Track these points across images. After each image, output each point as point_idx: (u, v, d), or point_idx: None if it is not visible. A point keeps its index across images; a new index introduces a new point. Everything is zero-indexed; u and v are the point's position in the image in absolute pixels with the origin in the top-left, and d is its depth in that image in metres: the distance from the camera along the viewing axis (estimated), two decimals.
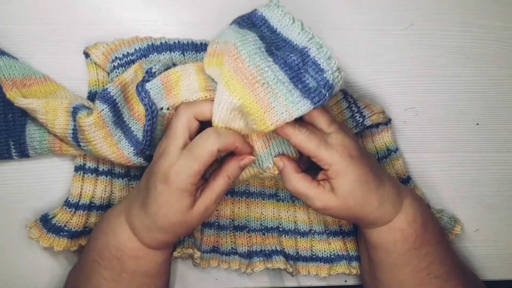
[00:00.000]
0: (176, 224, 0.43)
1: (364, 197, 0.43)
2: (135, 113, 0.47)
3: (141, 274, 0.45)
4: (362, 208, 0.44)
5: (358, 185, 0.43)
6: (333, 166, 0.42)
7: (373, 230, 0.46)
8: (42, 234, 0.49)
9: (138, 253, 0.45)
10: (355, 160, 0.42)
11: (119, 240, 0.45)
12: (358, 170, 0.42)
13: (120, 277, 0.45)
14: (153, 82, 0.45)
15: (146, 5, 0.52)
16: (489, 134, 0.57)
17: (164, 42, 0.51)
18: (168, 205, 0.42)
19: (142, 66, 0.47)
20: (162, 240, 0.44)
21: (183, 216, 0.42)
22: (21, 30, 0.50)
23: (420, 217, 0.46)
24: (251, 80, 0.40)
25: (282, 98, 0.40)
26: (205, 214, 0.43)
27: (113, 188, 0.51)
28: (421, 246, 0.46)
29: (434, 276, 0.46)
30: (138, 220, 0.44)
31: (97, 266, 0.45)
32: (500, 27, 0.56)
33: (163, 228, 0.43)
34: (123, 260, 0.44)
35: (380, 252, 0.47)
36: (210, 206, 0.43)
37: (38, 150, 0.50)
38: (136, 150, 0.47)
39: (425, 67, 0.55)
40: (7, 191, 0.51)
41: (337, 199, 0.43)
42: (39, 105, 0.46)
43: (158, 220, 0.42)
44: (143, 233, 0.44)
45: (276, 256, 0.52)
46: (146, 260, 0.45)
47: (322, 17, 0.54)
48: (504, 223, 0.57)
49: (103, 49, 0.50)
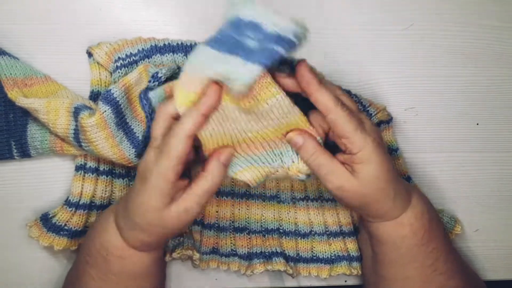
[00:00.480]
0: (153, 224, 0.42)
1: (383, 186, 0.43)
2: (137, 115, 0.47)
3: (127, 275, 0.45)
4: (377, 197, 0.43)
5: (382, 174, 0.42)
6: (363, 151, 0.41)
7: (379, 225, 0.46)
8: (42, 233, 0.49)
9: (123, 253, 0.44)
10: (382, 149, 0.42)
11: (106, 238, 0.44)
12: (384, 159, 0.42)
13: (107, 277, 0.44)
14: (157, 91, 0.45)
15: (146, 5, 0.52)
16: (489, 134, 0.57)
17: (167, 43, 0.51)
18: (144, 204, 0.41)
19: (148, 69, 0.47)
20: (144, 240, 0.44)
21: (159, 215, 0.41)
22: (22, 30, 0.51)
23: (427, 213, 0.46)
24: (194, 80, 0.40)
25: (228, 72, 0.38)
26: (186, 215, 0.42)
27: (114, 188, 0.51)
28: (428, 242, 0.45)
29: (439, 272, 0.46)
30: (121, 218, 0.44)
31: (86, 265, 0.45)
32: (500, 27, 0.56)
33: (142, 227, 0.42)
34: (109, 260, 0.44)
35: (387, 248, 0.46)
36: (192, 206, 0.41)
37: (39, 150, 0.50)
38: (137, 151, 0.47)
39: (425, 67, 0.55)
40: (8, 191, 0.51)
41: (357, 182, 0.42)
42: (41, 104, 0.46)
43: (136, 219, 0.42)
44: (127, 232, 0.44)
45: (276, 258, 0.52)
46: (131, 261, 0.45)
47: (322, 17, 0.54)
48: (504, 223, 0.57)
49: (106, 49, 0.50)
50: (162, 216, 0.41)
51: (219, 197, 0.53)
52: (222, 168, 0.42)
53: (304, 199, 0.54)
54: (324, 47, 0.54)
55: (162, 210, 0.41)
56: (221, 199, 0.53)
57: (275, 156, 0.44)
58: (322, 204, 0.54)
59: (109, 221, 0.45)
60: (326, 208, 0.54)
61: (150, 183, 0.41)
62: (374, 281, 0.49)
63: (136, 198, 0.42)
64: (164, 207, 0.41)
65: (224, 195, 0.53)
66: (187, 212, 0.42)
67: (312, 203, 0.54)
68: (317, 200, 0.54)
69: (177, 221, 0.42)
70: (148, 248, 0.45)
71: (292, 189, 0.54)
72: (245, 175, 0.44)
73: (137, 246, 0.44)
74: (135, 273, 0.45)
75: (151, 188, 0.41)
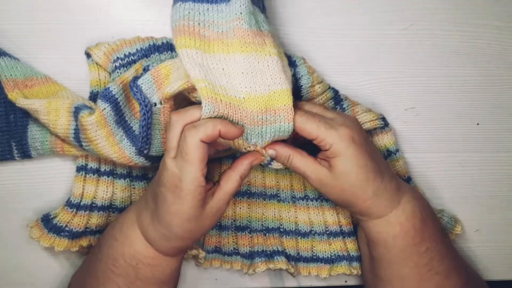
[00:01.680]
0: (192, 231, 0.43)
1: (359, 182, 0.43)
2: (136, 112, 0.47)
3: (155, 281, 0.46)
4: (355, 193, 0.44)
5: (356, 169, 0.43)
6: (334, 145, 0.42)
7: (371, 224, 0.46)
8: (43, 234, 0.49)
9: (153, 261, 0.45)
10: (357, 144, 0.43)
11: (135, 249, 0.45)
12: (358, 154, 0.43)
13: (134, 284, 0.45)
14: (144, 77, 0.45)
15: (146, 5, 0.52)
16: (489, 134, 0.57)
17: (165, 42, 0.51)
18: (180, 214, 0.42)
19: (143, 64, 0.47)
20: (180, 246, 0.45)
21: (196, 221, 0.43)
22: (22, 30, 0.51)
23: (419, 213, 0.46)
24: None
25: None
26: (217, 215, 0.44)
27: (115, 188, 0.51)
28: (421, 242, 0.46)
29: (435, 272, 0.46)
30: (152, 231, 0.44)
31: (111, 274, 0.45)
32: (499, 27, 0.56)
33: (179, 236, 0.43)
34: (138, 268, 0.45)
35: (380, 248, 0.47)
36: (222, 206, 0.44)
37: (40, 151, 0.50)
38: (137, 150, 0.47)
39: (425, 67, 0.55)
40: (8, 191, 0.51)
41: (333, 176, 0.43)
42: (41, 105, 0.46)
43: (173, 229, 0.43)
44: (160, 242, 0.44)
45: (277, 257, 0.52)
46: (161, 267, 0.45)
47: (322, 17, 0.54)
48: (504, 223, 0.57)
49: (105, 49, 0.50)
50: (199, 221, 0.43)
51: None
52: (250, 170, 0.45)
53: (303, 199, 0.54)
54: (323, 47, 0.54)
55: (198, 216, 0.42)
56: None
57: (254, 133, 0.44)
58: (322, 203, 0.54)
59: (134, 231, 0.45)
60: (326, 207, 0.54)
61: (183, 192, 0.41)
62: (372, 281, 0.50)
63: (172, 208, 0.42)
64: (200, 212, 0.42)
65: None
66: (219, 211, 0.44)
67: (312, 202, 0.54)
68: (316, 200, 0.54)
69: (211, 222, 0.44)
70: (181, 252, 0.46)
71: (292, 188, 0.54)
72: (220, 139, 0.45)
73: (171, 253, 0.45)
74: (162, 277, 0.46)
75: (185, 196, 0.41)
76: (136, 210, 0.46)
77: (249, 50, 0.43)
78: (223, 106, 0.42)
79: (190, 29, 0.43)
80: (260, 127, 0.44)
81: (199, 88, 0.42)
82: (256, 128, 0.44)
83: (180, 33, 0.43)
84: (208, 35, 0.44)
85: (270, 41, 0.44)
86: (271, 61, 0.43)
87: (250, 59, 0.43)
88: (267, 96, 0.43)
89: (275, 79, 0.43)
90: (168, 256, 0.45)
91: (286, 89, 0.43)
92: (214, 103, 0.42)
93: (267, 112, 0.43)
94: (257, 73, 0.43)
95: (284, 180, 0.54)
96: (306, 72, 0.49)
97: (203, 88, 0.42)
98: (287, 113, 0.43)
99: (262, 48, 0.43)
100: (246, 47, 0.43)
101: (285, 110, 0.43)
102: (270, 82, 0.43)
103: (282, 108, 0.43)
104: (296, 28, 0.54)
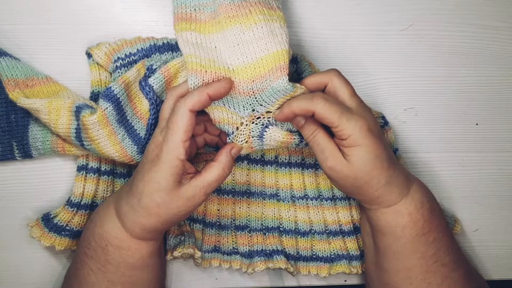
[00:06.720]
0: (160, 206, 0.43)
1: (374, 170, 0.44)
2: (137, 111, 0.47)
3: (125, 265, 0.45)
4: (368, 181, 0.44)
5: (372, 158, 0.43)
6: (352, 136, 0.43)
7: (379, 213, 0.46)
8: (44, 233, 0.49)
9: (122, 243, 0.45)
10: (373, 134, 0.43)
11: (105, 229, 0.45)
12: (375, 144, 0.43)
13: (105, 268, 0.45)
14: (156, 76, 0.46)
15: (146, 5, 0.52)
16: (489, 134, 0.57)
17: (166, 42, 0.51)
18: (152, 183, 0.42)
19: (145, 64, 0.47)
20: (145, 225, 0.44)
21: (167, 196, 0.42)
22: (23, 30, 0.51)
23: (427, 203, 0.46)
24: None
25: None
26: (190, 203, 0.43)
27: (115, 188, 0.52)
28: (429, 232, 0.46)
29: (441, 263, 0.46)
30: (124, 203, 0.44)
31: (84, 257, 0.45)
32: (499, 27, 0.56)
33: (146, 208, 0.43)
34: (108, 250, 0.45)
35: (388, 238, 0.47)
36: (197, 194, 0.43)
37: (41, 151, 0.50)
38: (139, 149, 0.47)
39: (425, 67, 0.56)
40: (9, 191, 0.51)
41: (348, 165, 0.44)
42: (42, 104, 0.46)
43: (142, 198, 0.43)
44: (127, 216, 0.44)
45: (277, 256, 0.52)
46: (130, 251, 0.45)
47: (322, 17, 0.54)
48: (504, 223, 0.57)
49: (106, 49, 0.50)
50: (169, 196, 0.43)
51: (220, 195, 0.54)
52: (232, 161, 0.45)
53: (303, 198, 0.54)
54: (323, 47, 0.54)
55: (170, 190, 0.42)
56: (222, 197, 0.54)
57: (247, 104, 0.45)
58: (322, 203, 0.54)
59: (108, 211, 0.46)
60: (326, 207, 0.54)
61: (161, 160, 0.42)
62: (376, 275, 0.49)
63: (146, 176, 0.43)
64: (172, 187, 0.42)
65: (225, 194, 0.54)
66: (193, 199, 0.43)
67: (312, 201, 0.54)
68: (316, 199, 0.54)
69: (182, 206, 0.43)
70: (148, 235, 0.45)
71: (291, 188, 0.54)
72: (213, 113, 0.46)
73: (136, 232, 0.45)
74: (133, 263, 0.46)
75: (161, 165, 0.42)
76: (117, 191, 0.47)
77: (233, 23, 0.44)
78: (208, 76, 0.44)
79: (188, 15, 0.46)
80: (253, 98, 0.45)
81: (187, 64, 0.44)
82: (248, 99, 0.45)
83: (178, 20, 0.46)
84: (204, 18, 0.46)
85: (256, 9, 0.44)
86: (256, 29, 0.44)
87: (236, 32, 0.44)
88: (253, 65, 0.44)
89: (261, 46, 0.44)
90: (135, 237, 0.45)
91: (272, 52, 0.44)
92: (199, 74, 0.44)
93: (255, 81, 0.44)
94: (244, 44, 0.44)
95: (283, 179, 0.54)
96: (307, 66, 0.50)
97: (189, 63, 0.44)
98: (279, 71, 0.44)
99: (246, 18, 0.44)
100: (231, 21, 0.44)
101: (273, 71, 0.44)
102: (257, 50, 0.44)
103: (269, 70, 0.44)
104: (296, 28, 0.54)
